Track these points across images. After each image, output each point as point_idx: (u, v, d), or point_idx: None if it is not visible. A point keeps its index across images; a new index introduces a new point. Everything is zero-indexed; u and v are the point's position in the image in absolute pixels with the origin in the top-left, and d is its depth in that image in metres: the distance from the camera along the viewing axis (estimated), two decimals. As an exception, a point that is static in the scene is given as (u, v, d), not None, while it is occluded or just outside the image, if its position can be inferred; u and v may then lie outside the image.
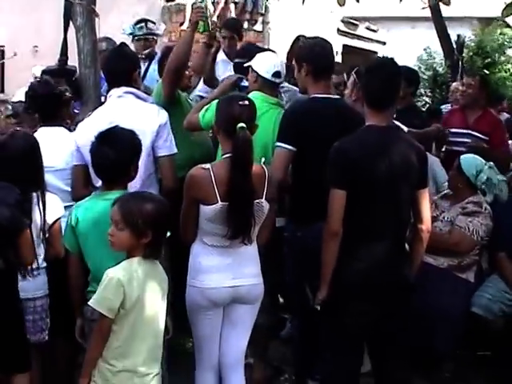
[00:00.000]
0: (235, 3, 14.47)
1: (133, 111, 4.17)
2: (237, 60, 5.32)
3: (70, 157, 4.26)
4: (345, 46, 15.81)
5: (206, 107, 4.46)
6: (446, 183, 5.37)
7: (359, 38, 16.48)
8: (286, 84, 5.65)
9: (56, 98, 4.47)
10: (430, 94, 12.76)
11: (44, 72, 6.20)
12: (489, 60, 12.50)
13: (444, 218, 5.11)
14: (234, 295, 3.69)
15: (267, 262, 4.50)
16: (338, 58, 15.88)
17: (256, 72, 4.61)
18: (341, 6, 6.86)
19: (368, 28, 16.67)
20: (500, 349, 5.12)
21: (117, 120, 3.93)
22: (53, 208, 3.92)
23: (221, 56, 6.11)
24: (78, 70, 5.62)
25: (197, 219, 3.63)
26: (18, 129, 4.22)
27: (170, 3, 14.30)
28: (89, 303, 3.11)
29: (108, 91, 4.49)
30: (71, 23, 5.90)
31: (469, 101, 6.19)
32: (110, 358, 3.08)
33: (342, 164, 3.61)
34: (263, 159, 3.85)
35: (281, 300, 5.53)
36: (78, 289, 3.60)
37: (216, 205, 3.55)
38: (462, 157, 5.16)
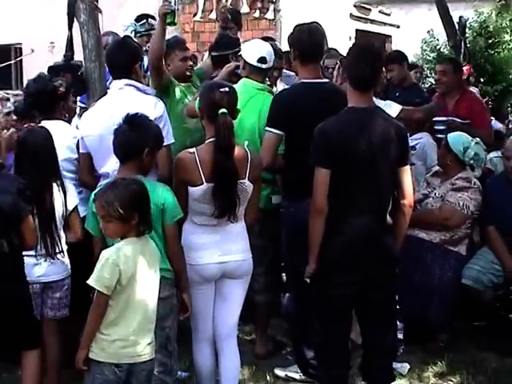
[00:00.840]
0: (246, -8, 14.63)
1: (131, 104, 4.28)
2: (213, 53, 5.56)
3: (65, 150, 4.50)
4: (358, 31, 15.87)
5: None
6: (436, 167, 5.53)
7: (372, 22, 16.51)
8: (284, 70, 5.88)
9: (50, 94, 4.71)
10: (435, 75, 12.87)
11: (51, 68, 6.46)
12: (492, 40, 12.57)
13: (435, 194, 5.29)
14: (223, 271, 3.93)
15: (267, 241, 4.77)
16: (352, 43, 15.94)
17: (244, 59, 4.86)
18: None
19: (381, 12, 16.69)
20: (492, 319, 5.30)
21: (116, 112, 4.14)
22: (71, 196, 4.26)
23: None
24: (83, 65, 5.88)
25: (186, 200, 3.87)
26: (33, 124, 4.50)
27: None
28: (87, 282, 3.33)
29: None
30: (75, 20, 6.17)
31: (444, 88, 6.20)
32: (105, 329, 3.31)
33: (324, 144, 3.80)
34: (246, 142, 4.07)
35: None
36: None
37: (201, 186, 3.79)
38: (449, 135, 5.32)
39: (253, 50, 4.88)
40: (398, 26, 16.96)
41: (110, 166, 4.18)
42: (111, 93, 4.56)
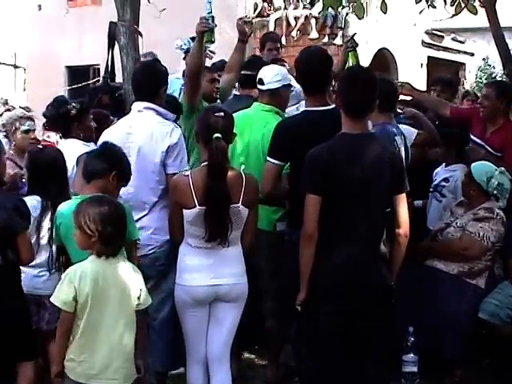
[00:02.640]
0: (316, 18, 14.76)
1: (148, 129, 4.37)
2: (243, 72, 5.59)
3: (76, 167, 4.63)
4: (430, 58, 15.74)
5: None
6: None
7: (445, 49, 16.34)
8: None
9: (62, 117, 4.99)
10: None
11: (93, 89, 6.71)
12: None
13: (456, 224, 5.16)
14: (215, 293, 3.94)
15: (276, 265, 4.75)
16: (423, 70, 15.82)
17: None
18: (384, 13, 6.94)
19: (454, 39, 16.50)
20: (509, 355, 5.12)
21: (130, 134, 4.31)
22: None
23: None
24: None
25: (182, 222, 3.91)
26: (45, 144, 4.69)
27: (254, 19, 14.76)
28: (50, 299, 3.44)
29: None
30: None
31: (486, 112, 5.73)
32: (74, 349, 3.38)
33: (315, 171, 3.77)
34: (243, 166, 4.09)
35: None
36: None
37: (194, 209, 3.82)
38: (472, 164, 5.18)
39: (259, 74, 4.94)
40: (473, 54, 16.74)
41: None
42: (131, 114, 4.60)
